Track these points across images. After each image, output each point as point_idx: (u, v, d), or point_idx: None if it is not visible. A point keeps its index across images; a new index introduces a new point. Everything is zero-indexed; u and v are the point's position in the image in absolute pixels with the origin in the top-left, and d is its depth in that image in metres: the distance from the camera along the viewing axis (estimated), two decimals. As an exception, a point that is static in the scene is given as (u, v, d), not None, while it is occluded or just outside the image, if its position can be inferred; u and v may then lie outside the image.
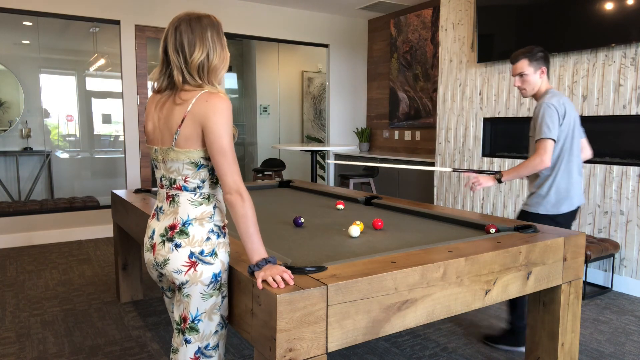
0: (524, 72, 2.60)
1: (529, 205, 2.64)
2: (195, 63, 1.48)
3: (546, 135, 2.45)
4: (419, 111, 6.17)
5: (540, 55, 2.60)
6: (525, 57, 2.60)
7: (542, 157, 2.45)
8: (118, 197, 3.20)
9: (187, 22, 1.50)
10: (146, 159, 5.52)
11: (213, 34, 1.51)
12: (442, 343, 2.81)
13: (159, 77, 1.56)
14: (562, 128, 2.50)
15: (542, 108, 2.49)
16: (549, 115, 2.46)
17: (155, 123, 1.59)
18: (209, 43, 1.50)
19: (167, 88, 1.55)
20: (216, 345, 1.60)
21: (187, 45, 1.48)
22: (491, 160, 4.57)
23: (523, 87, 2.63)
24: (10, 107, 6.21)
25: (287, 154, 7.71)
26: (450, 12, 4.91)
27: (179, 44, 1.49)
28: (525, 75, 2.60)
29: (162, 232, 1.55)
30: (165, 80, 1.55)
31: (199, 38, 1.49)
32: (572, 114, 2.55)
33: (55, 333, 2.92)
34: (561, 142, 2.53)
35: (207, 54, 1.50)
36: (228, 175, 1.46)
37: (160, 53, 1.54)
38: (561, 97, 2.53)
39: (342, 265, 1.62)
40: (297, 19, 6.33)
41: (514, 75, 2.66)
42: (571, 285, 2.13)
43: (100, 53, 6.56)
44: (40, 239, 5.10)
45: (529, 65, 2.58)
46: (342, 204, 2.85)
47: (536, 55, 2.59)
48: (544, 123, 2.46)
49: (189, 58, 1.48)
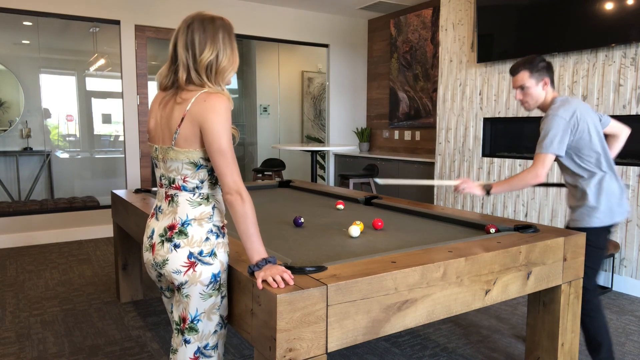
0: (525, 85, 2.38)
1: (579, 220, 2.34)
2: (204, 62, 1.49)
3: (546, 150, 2.25)
4: (419, 111, 6.17)
5: (542, 66, 2.37)
6: (525, 68, 2.38)
7: (538, 171, 2.26)
8: (118, 197, 3.20)
9: (200, 22, 1.51)
10: (146, 159, 5.51)
11: (225, 36, 1.52)
12: (442, 343, 2.81)
13: (167, 74, 1.56)
14: (580, 135, 2.27)
15: (548, 119, 2.28)
16: (554, 128, 2.24)
17: (157, 121, 1.59)
18: (219, 44, 1.51)
19: (172, 86, 1.55)
20: (215, 345, 1.60)
21: (198, 43, 1.49)
22: (491, 160, 4.57)
23: (525, 100, 2.43)
24: (10, 107, 6.21)
25: (287, 154, 7.71)
26: (450, 12, 4.91)
27: (189, 42, 1.49)
28: (526, 87, 2.38)
29: (161, 232, 1.55)
30: (171, 77, 1.55)
31: (210, 38, 1.50)
32: (588, 117, 2.30)
33: (55, 333, 2.92)
34: (595, 147, 2.29)
35: (217, 54, 1.50)
36: (227, 176, 1.46)
37: (169, 50, 1.55)
38: (570, 104, 2.30)
39: (342, 265, 1.62)
40: (297, 19, 6.33)
41: (514, 88, 2.45)
42: (571, 285, 2.13)
43: (100, 53, 6.56)
44: (40, 239, 5.10)
45: (530, 77, 2.37)
46: (342, 204, 2.85)
47: (538, 66, 2.37)
48: (547, 136, 2.26)
49: (198, 56, 1.49)
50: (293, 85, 8.20)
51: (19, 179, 6.35)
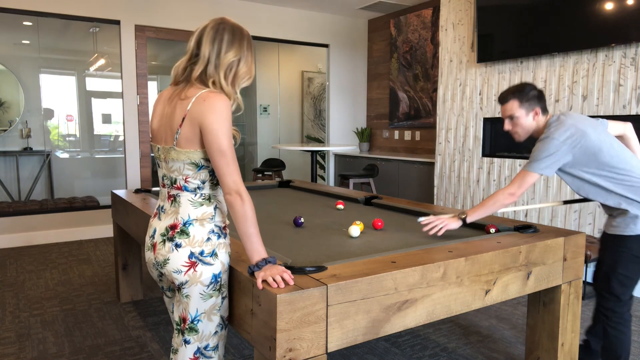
0: (515, 115, 2.22)
1: (619, 226, 2.15)
2: (227, 61, 1.52)
3: (531, 168, 2.11)
4: (419, 111, 6.17)
5: (532, 95, 2.21)
6: (515, 97, 2.22)
7: (512, 190, 2.12)
8: (118, 197, 3.20)
9: (230, 26, 1.55)
10: (146, 159, 5.51)
11: (248, 46, 1.58)
12: (442, 343, 2.81)
13: (185, 65, 1.56)
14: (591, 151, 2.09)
15: (541, 142, 2.12)
16: (546, 150, 2.09)
17: (161, 120, 1.59)
18: (244, 51, 1.56)
19: (184, 79, 1.56)
20: (216, 346, 1.60)
21: (225, 42, 1.52)
22: (491, 160, 4.57)
23: (514, 131, 2.27)
24: (10, 107, 6.21)
25: (287, 154, 7.71)
26: (450, 12, 4.91)
27: (218, 38, 1.52)
28: (516, 117, 2.23)
29: (163, 232, 1.55)
30: (187, 71, 1.55)
31: (237, 42, 1.54)
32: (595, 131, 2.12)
33: (55, 333, 2.92)
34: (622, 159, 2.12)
35: (240, 59, 1.55)
36: (227, 176, 1.46)
37: (191, 45, 1.55)
38: (564, 125, 2.11)
39: (342, 265, 1.62)
40: (297, 19, 6.33)
41: (503, 117, 2.29)
42: (571, 285, 2.13)
43: (100, 53, 6.56)
44: (40, 239, 5.10)
45: (519, 107, 2.21)
46: (342, 204, 2.85)
47: (528, 95, 2.21)
48: (536, 155, 2.11)
49: (222, 54, 1.52)
50: (293, 85, 8.20)
51: (19, 179, 6.35)
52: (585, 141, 2.08)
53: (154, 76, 7.69)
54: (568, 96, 3.94)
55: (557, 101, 4.01)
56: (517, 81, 4.29)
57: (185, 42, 1.64)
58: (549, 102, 4.05)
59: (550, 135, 2.11)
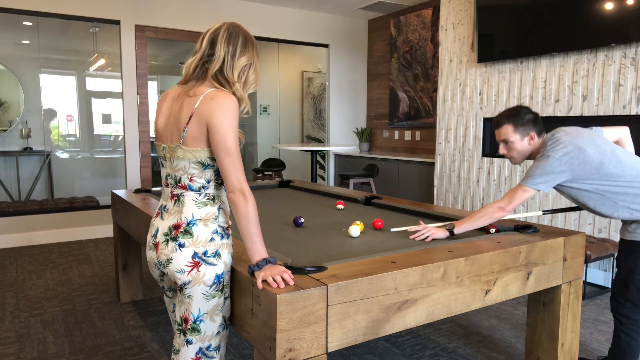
0: (509, 139, 2.17)
1: (634, 232, 2.12)
2: (241, 64, 1.55)
3: (526, 183, 2.06)
4: (419, 111, 6.17)
5: (528, 119, 2.16)
6: (509, 121, 2.16)
7: (502, 204, 2.07)
8: (118, 197, 3.20)
9: (244, 32, 1.59)
10: (146, 159, 5.51)
11: (257, 55, 1.62)
12: (442, 343, 2.81)
13: (197, 63, 1.56)
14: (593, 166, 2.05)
15: (538, 161, 2.09)
16: (542, 167, 2.05)
17: (167, 119, 1.59)
18: (255, 58, 1.60)
19: (194, 78, 1.56)
20: (218, 346, 1.60)
21: (240, 46, 1.55)
22: (491, 160, 4.57)
23: (509, 155, 2.22)
24: (10, 107, 6.21)
25: (287, 154, 7.71)
26: (450, 12, 4.91)
27: (233, 41, 1.54)
28: (510, 142, 2.18)
29: (166, 232, 1.55)
30: (199, 68, 1.55)
31: (250, 48, 1.58)
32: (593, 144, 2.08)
33: (55, 333, 2.92)
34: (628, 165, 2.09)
35: (251, 64, 1.58)
36: (232, 174, 1.47)
37: (203, 44, 1.55)
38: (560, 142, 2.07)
39: (342, 265, 1.62)
40: (297, 19, 6.33)
41: (497, 141, 2.23)
42: (571, 285, 2.13)
43: (100, 53, 6.56)
44: (40, 239, 5.10)
45: (514, 132, 2.15)
46: (342, 204, 2.85)
47: (523, 119, 2.15)
48: (532, 171, 2.07)
49: (237, 57, 1.54)
50: (293, 85, 8.20)
51: (19, 179, 6.35)
52: (583, 157, 2.04)
53: (154, 76, 7.69)
54: (568, 96, 3.94)
55: (557, 101, 4.01)
56: (517, 81, 4.29)
57: (185, 42, 1.64)
58: (549, 102, 4.05)
59: (546, 153, 2.07)
